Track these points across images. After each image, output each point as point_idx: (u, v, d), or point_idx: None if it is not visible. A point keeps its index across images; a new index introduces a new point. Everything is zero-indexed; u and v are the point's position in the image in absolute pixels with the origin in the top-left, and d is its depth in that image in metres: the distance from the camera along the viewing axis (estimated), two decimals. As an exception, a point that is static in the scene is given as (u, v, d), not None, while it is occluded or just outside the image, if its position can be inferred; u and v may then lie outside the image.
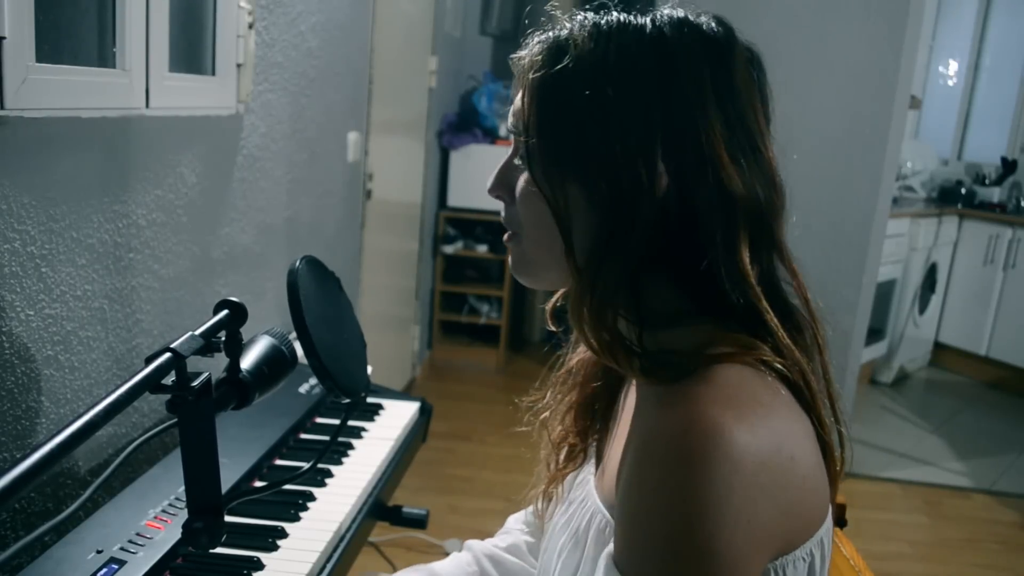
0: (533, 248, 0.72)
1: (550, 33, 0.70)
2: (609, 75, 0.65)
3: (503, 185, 0.74)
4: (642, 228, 0.65)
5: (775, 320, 0.67)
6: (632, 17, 0.68)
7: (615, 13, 0.69)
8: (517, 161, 0.72)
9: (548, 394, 0.88)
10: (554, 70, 0.66)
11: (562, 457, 0.86)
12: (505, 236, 0.75)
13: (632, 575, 0.61)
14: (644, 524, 0.61)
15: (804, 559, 0.64)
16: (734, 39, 0.68)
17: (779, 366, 0.65)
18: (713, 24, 0.68)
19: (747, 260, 0.66)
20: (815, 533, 0.65)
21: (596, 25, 0.67)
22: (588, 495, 0.77)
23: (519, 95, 0.70)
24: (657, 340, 0.69)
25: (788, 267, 0.72)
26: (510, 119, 0.72)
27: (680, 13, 0.69)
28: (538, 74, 0.67)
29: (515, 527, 1.03)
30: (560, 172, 0.67)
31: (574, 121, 0.66)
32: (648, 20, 0.68)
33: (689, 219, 0.66)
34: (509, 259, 0.76)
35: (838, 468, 0.71)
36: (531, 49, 0.70)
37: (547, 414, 0.87)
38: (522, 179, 0.71)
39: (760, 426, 0.60)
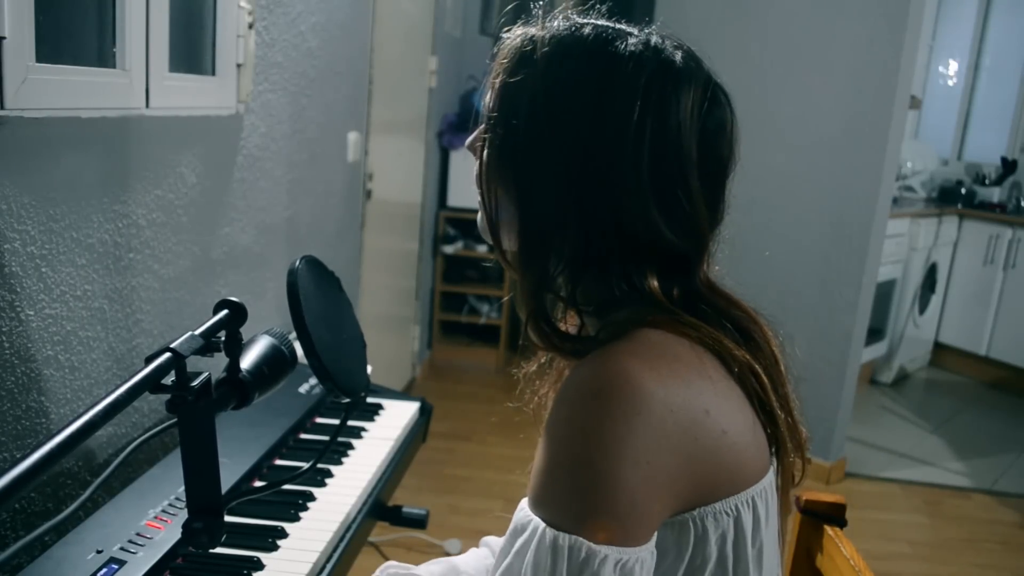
0: (481, 213, 0.77)
1: (528, 31, 0.73)
2: (549, 100, 0.68)
3: (474, 147, 0.78)
4: (556, 244, 0.69)
5: (701, 324, 0.69)
6: (600, 37, 0.69)
7: (590, 27, 0.70)
8: (478, 143, 0.76)
9: (541, 361, 0.89)
10: (512, 80, 0.71)
11: None
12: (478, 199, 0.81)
13: (536, 506, 0.65)
14: (550, 456, 0.64)
15: (728, 513, 0.66)
16: (689, 77, 0.69)
17: (711, 342, 0.68)
18: (676, 59, 0.69)
19: (654, 283, 0.69)
20: (744, 491, 0.67)
21: (563, 40, 0.70)
22: None
23: (490, 83, 0.74)
24: (599, 322, 0.74)
25: (721, 297, 0.75)
26: (484, 99, 0.76)
27: (652, 40, 0.70)
28: (502, 77, 0.72)
29: None
30: (495, 175, 0.72)
31: (513, 134, 0.70)
32: (613, 45, 0.68)
33: (598, 244, 0.69)
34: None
35: (793, 462, 0.74)
36: (510, 42, 0.73)
37: (544, 391, 0.88)
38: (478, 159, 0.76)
39: (673, 378, 0.63)
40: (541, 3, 0.76)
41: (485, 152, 0.73)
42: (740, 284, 0.79)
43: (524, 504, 0.67)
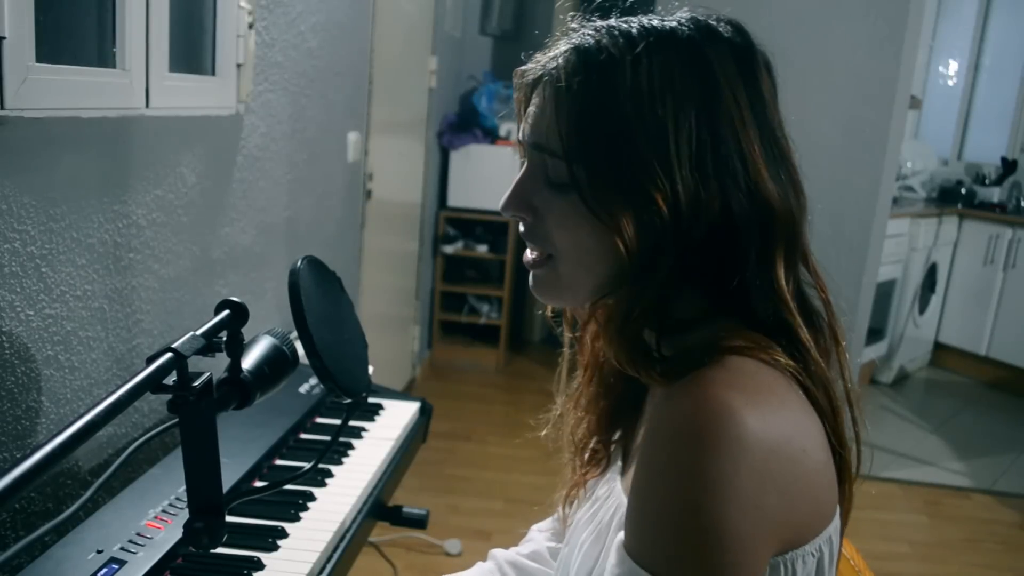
0: (573, 272, 0.70)
1: (575, 43, 0.67)
2: (655, 96, 0.64)
3: (523, 204, 0.71)
4: (690, 248, 0.65)
5: (808, 336, 0.67)
6: (656, 23, 0.67)
7: (636, 22, 0.68)
8: (552, 177, 0.69)
9: (560, 401, 0.87)
10: (594, 90, 0.65)
11: (585, 459, 0.85)
12: (532, 257, 0.73)
13: (640, 556, 0.60)
14: (652, 504, 0.60)
15: (814, 555, 0.64)
16: (754, 46, 0.69)
17: (792, 370, 0.65)
18: (733, 32, 0.69)
19: (783, 277, 0.66)
20: (824, 529, 0.65)
21: (628, 37, 0.65)
22: (613, 491, 0.76)
23: (543, 109, 0.68)
24: (677, 343, 0.69)
25: (812, 271, 0.72)
26: (530, 133, 0.70)
27: (701, 18, 0.68)
28: (575, 92, 0.65)
29: (538, 535, 1.02)
30: (614, 198, 0.65)
31: (625, 146, 0.64)
32: (674, 26, 0.67)
33: (729, 236, 0.65)
34: (533, 279, 0.73)
35: (853, 478, 0.71)
36: (557, 61, 0.67)
37: (570, 408, 0.86)
38: (557, 202, 0.68)
39: (771, 414, 0.60)
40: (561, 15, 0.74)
41: (585, 190, 0.65)
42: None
43: (621, 551, 0.62)
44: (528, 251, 0.74)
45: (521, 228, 0.73)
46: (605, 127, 0.65)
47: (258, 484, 1.27)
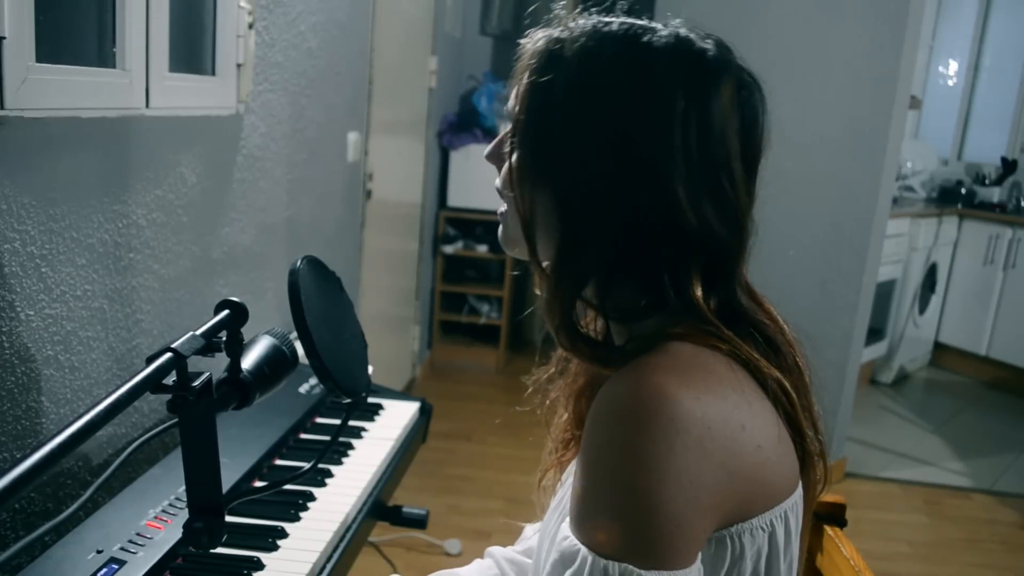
0: (515, 227, 0.74)
1: (552, 33, 0.71)
2: (587, 97, 0.67)
3: (495, 154, 0.77)
4: (598, 246, 0.68)
5: (735, 339, 0.68)
6: (630, 32, 0.68)
7: (616, 23, 0.69)
8: (506, 148, 0.74)
9: (552, 370, 0.89)
10: (542, 80, 0.69)
11: (559, 446, 0.88)
12: (499, 210, 0.78)
13: (582, 534, 0.63)
14: (590, 484, 0.63)
15: (763, 528, 0.65)
16: (724, 67, 0.69)
17: (736, 356, 0.67)
18: (709, 49, 0.69)
19: (698, 292, 0.68)
20: (777, 505, 0.66)
21: (591, 37, 0.69)
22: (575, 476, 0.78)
23: (515, 88, 0.73)
24: (626, 331, 0.73)
25: (753, 300, 0.74)
26: (509, 103, 0.75)
27: (681, 32, 0.69)
28: (531, 79, 0.70)
29: (532, 533, 1.04)
30: (531, 179, 0.70)
31: (549, 135, 0.69)
32: (646, 38, 0.68)
33: (643, 245, 0.68)
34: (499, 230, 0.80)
35: (818, 477, 0.73)
36: (533, 45, 0.72)
37: (554, 395, 0.88)
38: (508, 162, 0.74)
39: (707, 393, 0.62)
40: (562, 3, 0.75)
41: (516, 156, 0.71)
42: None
43: (566, 530, 0.65)
44: None
45: (497, 182, 0.78)
46: (538, 116, 0.70)
47: (258, 484, 1.27)
